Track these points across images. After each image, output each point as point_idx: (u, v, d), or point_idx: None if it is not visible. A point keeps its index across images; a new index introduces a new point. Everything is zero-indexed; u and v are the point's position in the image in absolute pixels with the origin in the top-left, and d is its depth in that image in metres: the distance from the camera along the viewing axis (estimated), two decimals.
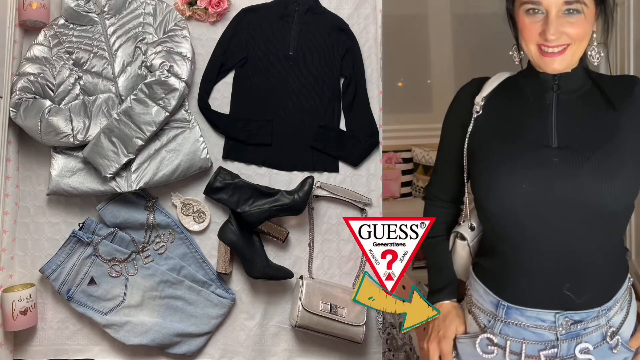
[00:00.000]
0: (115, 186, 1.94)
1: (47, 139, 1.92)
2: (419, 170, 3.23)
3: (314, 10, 2.16)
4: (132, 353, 2.02)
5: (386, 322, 1.91)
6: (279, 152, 2.10)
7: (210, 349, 2.05)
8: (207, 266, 2.05)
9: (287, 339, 2.07)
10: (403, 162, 3.24)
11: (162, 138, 1.98)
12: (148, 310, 2.00)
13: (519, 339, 1.33)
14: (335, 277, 2.09)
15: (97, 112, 1.95)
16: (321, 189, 2.10)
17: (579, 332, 1.31)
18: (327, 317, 1.94)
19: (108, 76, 1.98)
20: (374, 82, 2.16)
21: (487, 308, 1.38)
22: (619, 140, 1.28)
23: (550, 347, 1.31)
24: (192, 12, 2.11)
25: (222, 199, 2.03)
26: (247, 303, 2.07)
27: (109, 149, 1.91)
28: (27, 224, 2.04)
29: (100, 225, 2.00)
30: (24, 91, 1.93)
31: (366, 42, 2.17)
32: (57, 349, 2.02)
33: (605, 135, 1.28)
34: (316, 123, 2.11)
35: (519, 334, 1.33)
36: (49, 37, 1.99)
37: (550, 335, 1.31)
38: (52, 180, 1.94)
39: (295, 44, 2.14)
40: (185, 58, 1.99)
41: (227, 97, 2.12)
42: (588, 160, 1.24)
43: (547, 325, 1.31)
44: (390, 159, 3.23)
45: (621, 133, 1.28)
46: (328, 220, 2.10)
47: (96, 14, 2.01)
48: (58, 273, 1.95)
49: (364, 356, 2.07)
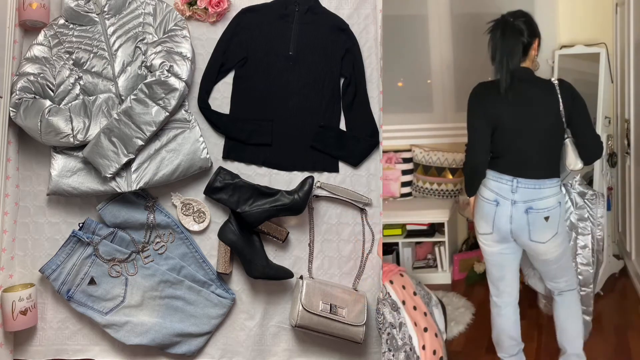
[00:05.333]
0: (115, 186, 1.94)
1: (47, 139, 1.91)
2: (419, 170, 3.22)
3: (314, 10, 2.16)
4: (132, 353, 2.02)
5: (386, 322, 1.91)
6: (279, 152, 2.10)
7: (210, 349, 2.05)
8: (207, 266, 2.05)
9: (287, 339, 2.07)
10: (403, 162, 3.24)
11: (162, 138, 1.97)
12: (148, 310, 2.00)
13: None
14: (335, 277, 2.09)
15: (97, 112, 1.95)
16: (321, 189, 2.10)
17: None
18: (327, 317, 1.94)
19: (108, 76, 1.98)
20: (374, 82, 2.16)
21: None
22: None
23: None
24: (192, 12, 2.11)
25: (222, 199, 2.03)
26: (247, 303, 2.07)
27: (109, 149, 1.91)
28: (27, 224, 2.04)
29: (100, 225, 2.00)
30: (24, 91, 1.93)
31: (366, 42, 2.17)
32: (57, 349, 2.02)
33: None
34: (316, 123, 2.11)
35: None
36: (49, 37, 1.99)
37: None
38: (52, 180, 1.94)
39: (295, 44, 2.14)
40: (185, 58, 1.99)
41: (227, 97, 2.12)
42: None
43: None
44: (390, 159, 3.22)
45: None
46: (328, 220, 2.10)
47: (96, 14, 2.01)
48: (58, 273, 1.95)
49: (364, 356, 2.07)
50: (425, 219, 3.06)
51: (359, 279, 2.09)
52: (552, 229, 1.92)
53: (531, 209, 1.90)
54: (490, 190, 1.94)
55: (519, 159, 1.90)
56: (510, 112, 1.86)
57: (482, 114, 1.90)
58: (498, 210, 1.93)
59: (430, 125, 3.27)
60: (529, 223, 1.91)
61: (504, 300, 2.10)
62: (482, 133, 1.90)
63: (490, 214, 1.95)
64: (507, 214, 1.92)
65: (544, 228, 1.91)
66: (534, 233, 1.92)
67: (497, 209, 1.93)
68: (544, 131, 1.87)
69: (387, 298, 1.97)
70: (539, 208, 1.90)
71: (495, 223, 1.94)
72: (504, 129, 1.88)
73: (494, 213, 1.93)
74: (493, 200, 1.93)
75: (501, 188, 1.92)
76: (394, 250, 3.11)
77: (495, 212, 1.93)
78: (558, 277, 2.06)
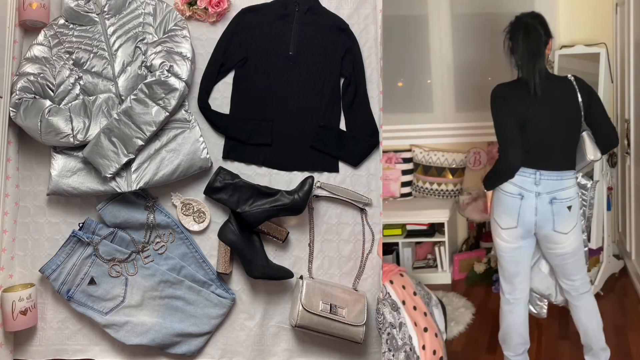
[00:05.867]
0: (115, 186, 1.94)
1: (47, 139, 1.92)
2: (419, 170, 3.22)
3: (314, 10, 2.16)
4: (132, 353, 2.02)
5: (386, 322, 1.91)
6: (279, 152, 2.10)
7: (210, 349, 2.05)
8: (207, 266, 2.05)
9: (287, 339, 2.07)
10: (403, 162, 3.24)
11: (162, 138, 1.97)
12: (148, 310, 2.00)
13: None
14: (335, 277, 2.09)
15: (97, 112, 1.95)
16: (321, 189, 2.10)
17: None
18: (327, 317, 1.94)
19: (108, 76, 1.98)
20: (374, 82, 2.16)
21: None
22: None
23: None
24: (192, 12, 2.11)
25: (222, 199, 2.03)
26: (247, 303, 2.07)
27: (109, 149, 1.91)
28: (27, 224, 2.04)
29: (100, 225, 2.00)
30: (24, 91, 1.93)
31: (366, 42, 2.17)
32: (57, 349, 2.02)
33: None
34: (316, 123, 2.11)
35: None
36: (49, 37, 1.99)
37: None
38: (52, 180, 1.94)
39: (295, 44, 2.14)
40: (185, 58, 1.99)
41: (227, 97, 2.12)
42: None
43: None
44: (390, 159, 3.22)
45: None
46: (328, 220, 2.10)
47: (96, 14, 2.01)
48: (58, 273, 1.95)
49: (364, 356, 2.07)
50: (425, 219, 3.06)
51: (359, 279, 2.09)
52: (574, 219, 1.99)
53: (555, 199, 1.96)
54: (513, 184, 1.97)
55: (542, 153, 1.96)
56: (536, 109, 1.93)
57: (511, 114, 1.94)
58: (523, 204, 1.97)
59: (430, 125, 3.28)
60: (553, 213, 1.96)
61: (517, 297, 2.11)
62: (514, 133, 1.94)
63: (515, 208, 1.98)
64: (532, 206, 1.96)
65: (567, 218, 1.98)
66: (558, 223, 1.98)
67: (522, 202, 1.97)
68: (565, 125, 1.95)
69: (387, 298, 1.97)
70: (562, 198, 1.96)
71: (521, 216, 1.98)
72: (531, 126, 1.94)
73: (519, 207, 1.97)
74: (517, 194, 1.97)
75: (525, 181, 1.96)
76: (394, 250, 3.11)
77: (520, 206, 1.97)
78: (574, 274, 2.09)
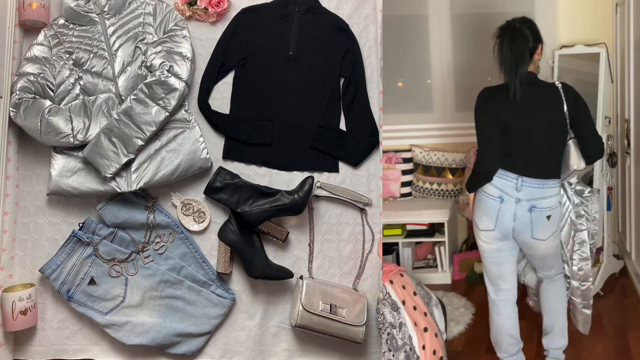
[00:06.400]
0: (115, 186, 1.94)
1: (47, 139, 1.92)
2: (419, 170, 3.22)
3: (314, 10, 2.16)
4: (132, 353, 2.02)
5: (386, 322, 1.91)
6: (279, 152, 2.10)
7: (210, 349, 2.05)
8: (207, 266, 2.05)
9: (287, 339, 2.07)
10: (403, 162, 3.24)
11: (162, 138, 1.97)
12: (148, 310, 2.00)
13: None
14: (335, 277, 2.09)
15: (97, 112, 1.95)
16: (321, 189, 2.10)
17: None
18: (327, 317, 1.94)
19: (108, 76, 1.98)
20: (374, 82, 2.16)
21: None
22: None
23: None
24: (192, 12, 2.11)
25: (222, 199, 2.03)
26: (247, 303, 2.07)
27: (109, 149, 1.91)
28: (27, 224, 2.04)
29: (100, 225, 2.00)
30: (24, 91, 1.93)
31: (366, 42, 2.17)
32: (57, 349, 2.02)
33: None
34: (316, 123, 2.11)
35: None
36: (49, 37, 1.99)
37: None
38: (52, 180, 1.94)
39: (295, 44, 2.14)
40: (185, 58, 1.99)
41: (227, 97, 2.12)
42: None
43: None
44: (390, 159, 3.22)
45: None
46: (328, 220, 2.10)
47: (96, 14, 2.01)
48: (58, 273, 1.95)
49: (364, 356, 2.07)
50: (425, 219, 3.06)
51: (359, 279, 2.09)
52: (552, 228, 1.98)
53: (535, 208, 1.94)
54: (494, 187, 1.97)
55: (525, 158, 1.94)
56: (518, 115, 1.91)
57: (492, 118, 1.93)
58: (502, 207, 1.96)
59: (430, 125, 3.27)
60: (532, 221, 1.96)
61: (503, 298, 2.11)
62: (493, 137, 1.93)
63: (494, 210, 1.97)
64: (511, 211, 1.96)
65: (545, 226, 1.97)
66: (536, 231, 1.97)
67: (501, 205, 1.96)
68: (549, 132, 1.93)
69: (387, 298, 1.97)
70: (542, 207, 1.95)
71: (499, 219, 1.98)
72: (512, 131, 1.92)
73: (498, 209, 1.97)
74: (497, 197, 1.96)
75: (506, 185, 1.95)
76: (394, 250, 3.11)
77: (500, 209, 1.97)
78: (551, 267, 2.14)
